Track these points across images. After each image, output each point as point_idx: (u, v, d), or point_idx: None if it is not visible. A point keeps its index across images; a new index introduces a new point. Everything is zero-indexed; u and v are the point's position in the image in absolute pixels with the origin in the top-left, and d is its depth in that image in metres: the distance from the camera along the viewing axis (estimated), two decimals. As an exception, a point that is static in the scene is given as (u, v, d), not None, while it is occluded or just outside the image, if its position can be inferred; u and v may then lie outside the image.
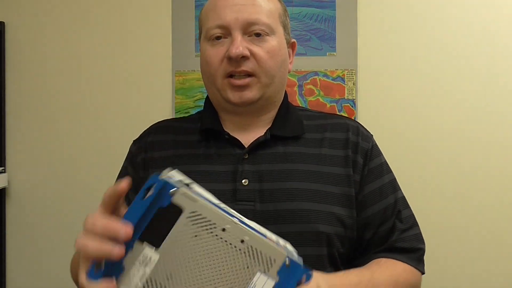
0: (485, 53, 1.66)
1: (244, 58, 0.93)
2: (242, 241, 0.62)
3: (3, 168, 1.69)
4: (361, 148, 0.99)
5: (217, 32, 0.95)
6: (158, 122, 1.11)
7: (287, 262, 0.63)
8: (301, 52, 1.68)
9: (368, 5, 1.68)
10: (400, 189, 1.02)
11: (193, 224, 0.62)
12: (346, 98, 1.68)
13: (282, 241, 0.67)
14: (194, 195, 0.62)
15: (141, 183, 1.00)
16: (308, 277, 0.66)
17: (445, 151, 1.67)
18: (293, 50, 1.05)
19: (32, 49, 1.72)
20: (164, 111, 1.70)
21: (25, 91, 1.72)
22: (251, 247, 0.63)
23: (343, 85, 1.68)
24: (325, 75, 1.68)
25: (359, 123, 1.05)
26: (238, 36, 0.93)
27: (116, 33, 1.71)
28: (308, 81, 1.69)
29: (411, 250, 0.98)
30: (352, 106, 1.67)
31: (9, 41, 1.71)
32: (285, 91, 1.05)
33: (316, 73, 1.69)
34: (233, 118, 1.00)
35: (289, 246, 0.67)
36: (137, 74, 1.71)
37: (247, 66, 0.93)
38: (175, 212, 0.62)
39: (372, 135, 1.03)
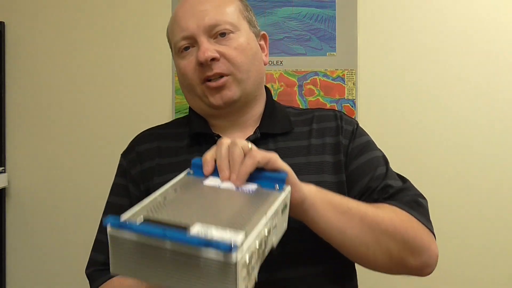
0: (486, 54, 1.66)
1: (214, 60, 0.95)
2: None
3: (3, 168, 1.69)
4: (345, 130, 1.00)
5: (184, 43, 0.98)
6: (142, 132, 1.09)
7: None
8: (301, 52, 1.68)
9: (368, 5, 1.67)
10: (391, 169, 0.99)
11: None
12: (346, 98, 1.68)
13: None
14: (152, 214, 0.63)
15: (142, 197, 0.99)
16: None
17: (445, 151, 1.66)
18: (265, 41, 1.07)
19: (32, 49, 1.72)
20: (164, 111, 1.70)
21: (25, 91, 1.72)
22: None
23: (343, 85, 1.68)
24: (325, 75, 1.68)
25: (342, 112, 1.07)
26: (203, 41, 0.95)
27: (116, 33, 1.71)
28: (308, 81, 1.69)
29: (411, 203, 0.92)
30: (352, 106, 1.67)
31: (9, 41, 1.71)
32: (266, 87, 1.07)
33: (316, 73, 1.68)
34: (220, 123, 1.01)
35: None
36: (137, 74, 1.71)
37: (220, 68, 0.95)
38: None
39: (357, 122, 1.04)
